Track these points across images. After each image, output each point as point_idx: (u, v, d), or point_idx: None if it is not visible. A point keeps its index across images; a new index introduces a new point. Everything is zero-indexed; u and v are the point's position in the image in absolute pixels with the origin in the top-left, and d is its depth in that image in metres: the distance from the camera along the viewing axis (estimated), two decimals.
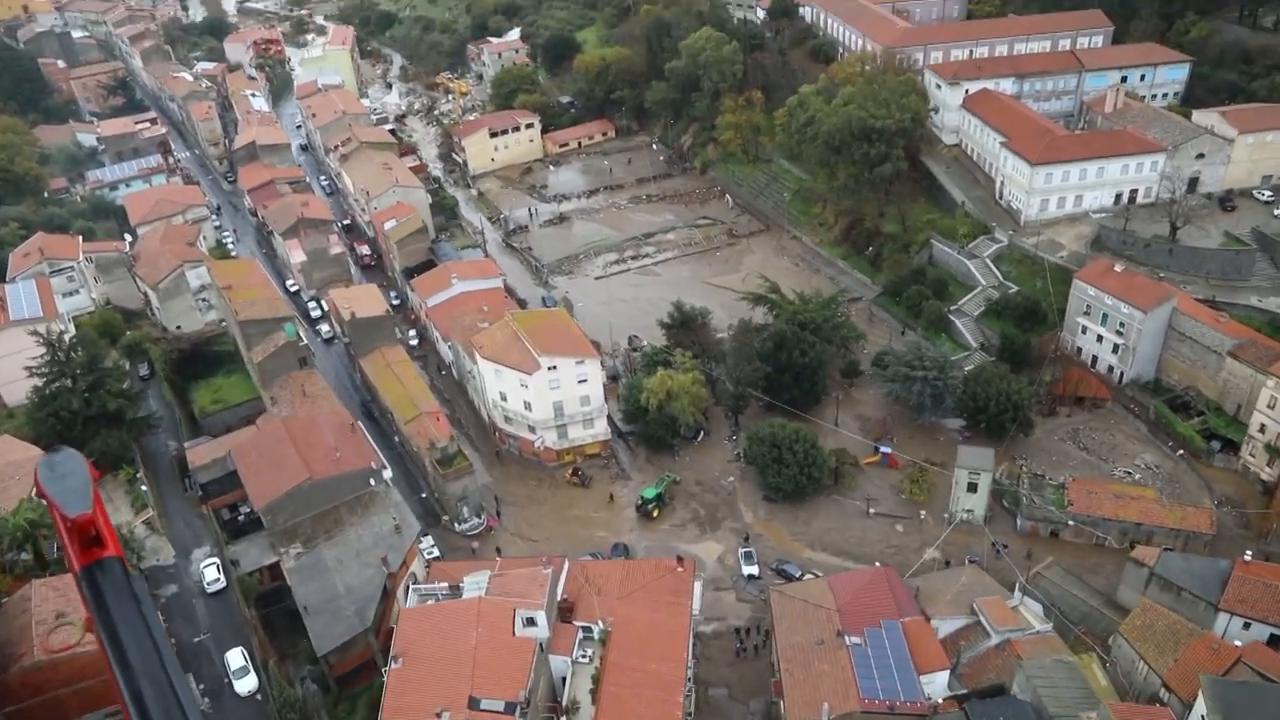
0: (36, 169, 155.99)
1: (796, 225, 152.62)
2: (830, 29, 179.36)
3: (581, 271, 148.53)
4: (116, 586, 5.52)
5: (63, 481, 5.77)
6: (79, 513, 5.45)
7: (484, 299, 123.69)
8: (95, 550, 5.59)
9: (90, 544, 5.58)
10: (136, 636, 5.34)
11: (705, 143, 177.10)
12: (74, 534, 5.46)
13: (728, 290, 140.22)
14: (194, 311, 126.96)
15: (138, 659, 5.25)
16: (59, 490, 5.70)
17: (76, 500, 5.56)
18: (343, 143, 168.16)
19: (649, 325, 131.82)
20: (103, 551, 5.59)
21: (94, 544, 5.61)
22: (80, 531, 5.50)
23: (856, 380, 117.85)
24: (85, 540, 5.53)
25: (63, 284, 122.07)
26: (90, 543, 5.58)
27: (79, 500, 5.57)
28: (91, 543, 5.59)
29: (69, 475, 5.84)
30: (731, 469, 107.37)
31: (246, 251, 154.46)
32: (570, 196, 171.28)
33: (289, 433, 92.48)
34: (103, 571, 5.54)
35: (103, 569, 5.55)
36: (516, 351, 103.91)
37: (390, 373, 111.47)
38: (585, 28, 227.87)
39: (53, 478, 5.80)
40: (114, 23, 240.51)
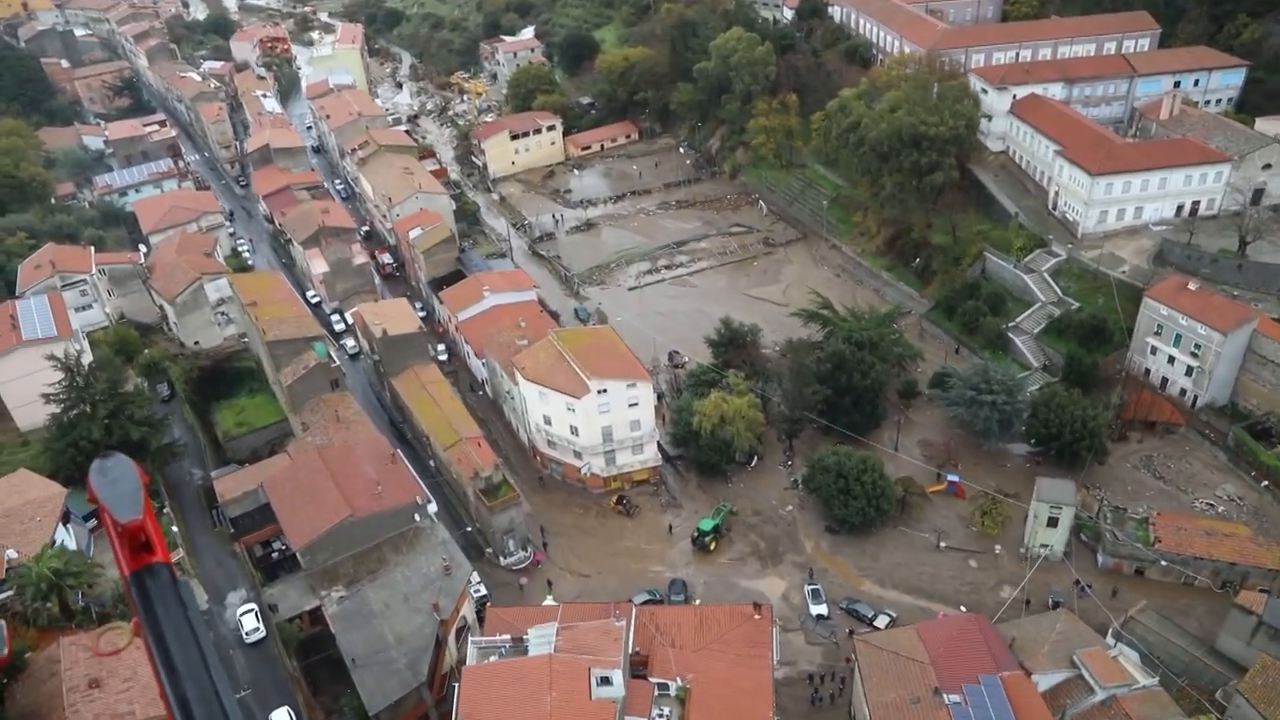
0: (43, 174, 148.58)
1: (835, 234, 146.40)
2: (863, 30, 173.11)
3: (613, 281, 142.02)
4: (164, 592, 5.34)
5: (114, 487, 5.58)
6: (130, 519, 5.29)
7: (518, 313, 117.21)
8: (144, 556, 5.41)
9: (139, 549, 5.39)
10: (183, 641, 5.19)
11: (734, 146, 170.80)
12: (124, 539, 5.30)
13: (768, 303, 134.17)
14: (213, 326, 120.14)
15: (183, 664, 5.11)
16: (111, 496, 5.53)
17: (128, 506, 5.41)
18: (360, 146, 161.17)
19: (689, 340, 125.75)
20: (152, 557, 5.40)
21: (143, 549, 5.42)
22: (130, 537, 5.34)
23: (914, 402, 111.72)
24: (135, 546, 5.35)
25: (75, 298, 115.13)
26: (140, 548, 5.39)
27: (130, 506, 5.41)
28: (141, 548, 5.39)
29: (120, 480, 5.64)
30: (789, 497, 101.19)
31: (263, 261, 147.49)
32: (596, 202, 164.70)
33: (325, 464, 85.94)
34: (151, 577, 5.36)
35: (151, 574, 5.38)
36: (563, 373, 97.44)
37: (425, 394, 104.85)
38: (602, 26, 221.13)
39: (105, 483, 5.62)
40: (117, 21, 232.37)
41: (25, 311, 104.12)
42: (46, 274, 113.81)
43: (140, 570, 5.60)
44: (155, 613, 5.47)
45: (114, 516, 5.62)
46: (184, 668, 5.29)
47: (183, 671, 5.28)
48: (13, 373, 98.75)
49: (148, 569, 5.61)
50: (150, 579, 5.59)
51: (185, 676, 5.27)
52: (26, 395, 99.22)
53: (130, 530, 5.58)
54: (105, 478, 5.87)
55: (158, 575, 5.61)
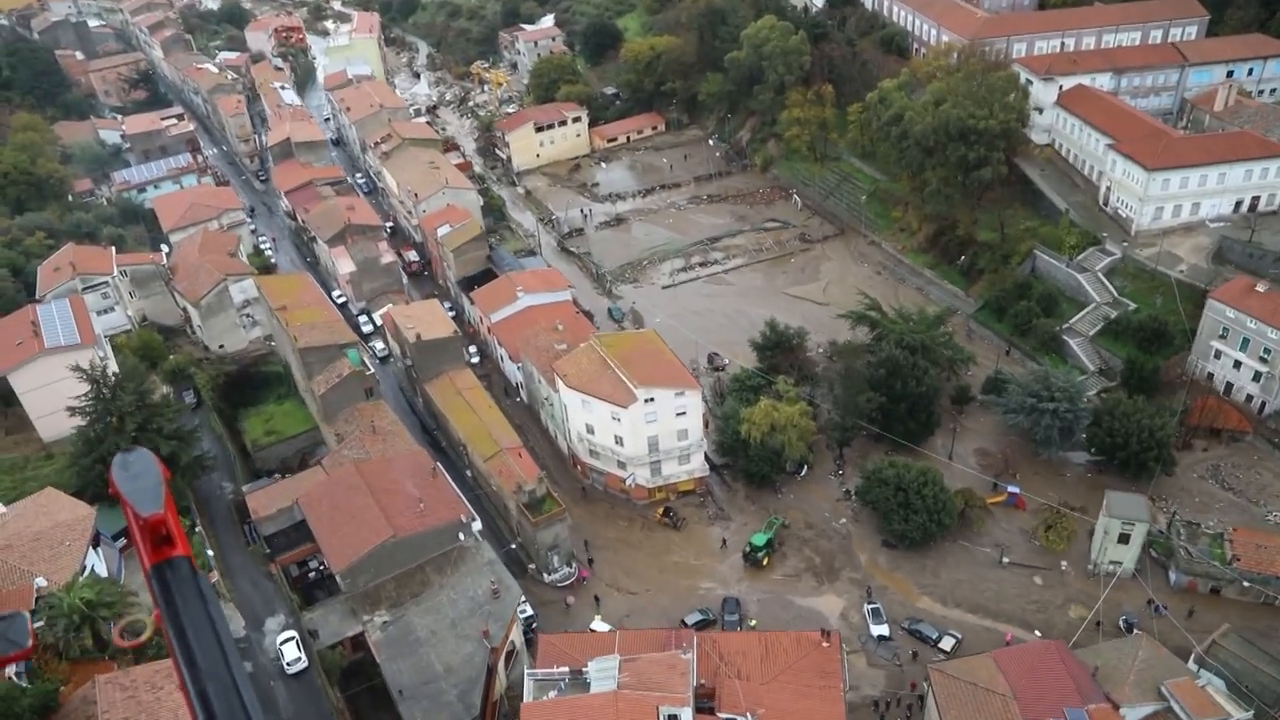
0: (60, 170, 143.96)
1: (874, 230, 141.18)
2: (898, 18, 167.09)
3: (646, 279, 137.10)
4: (184, 585, 5.36)
5: (136, 481, 5.59)
6: (151, 513, 5.33)
7: (553, 314, 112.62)
8: (165, 549, 5.45)
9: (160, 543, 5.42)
10: (203, 635, 5.22)
11: (765, 138, 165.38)
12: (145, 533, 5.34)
13: (808, 302, 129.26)
14: (238, 329, 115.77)
15: (203, 657, 5.15)
16: (132, 490, 5.54)
17: (149, 500, 5.42)
18: (383, 139, 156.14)
19: (728, 341, 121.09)
20: (172, 550, 5.44)
21: (164, 543, 5.45)
22: (152, 531, 5.37)
23: (966, 408, 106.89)
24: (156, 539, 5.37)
25: (96, 301, 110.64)
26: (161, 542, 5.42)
27: (151, 500, 5.43)
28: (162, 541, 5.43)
29: (142, 475, 5.64)
30: (842, 509, 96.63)
31: (286, 260, 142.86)
32: (625, 196, 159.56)
33: (364, 479, 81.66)
34: (172, 570, 5.38)
35: (172, 567, 5.39)
36: (608, 381, 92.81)
37: (461, 401, 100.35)
38: (625, 14, 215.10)
39: (126, 477, 5.62)
40: (131, 11, 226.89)
41: (47, 317, 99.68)
42: (67, 276, 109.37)
43: (161, 563, 5.49)
44: (176, 606, 5.37)
45: (136, 510, 5.52)
46: (204, 662, 5.21)
47: (202, 665, 5.20)
48: (35, 381, 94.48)
49: (168, 562, 5.50)
50: (171, 572, 5.47)
51: (205, 671, 5.18)
52: (49, 404, 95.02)
53: (152, 524, 5.49)
54: (127, 472, 5.75)
55: (178, 568, 5.48)
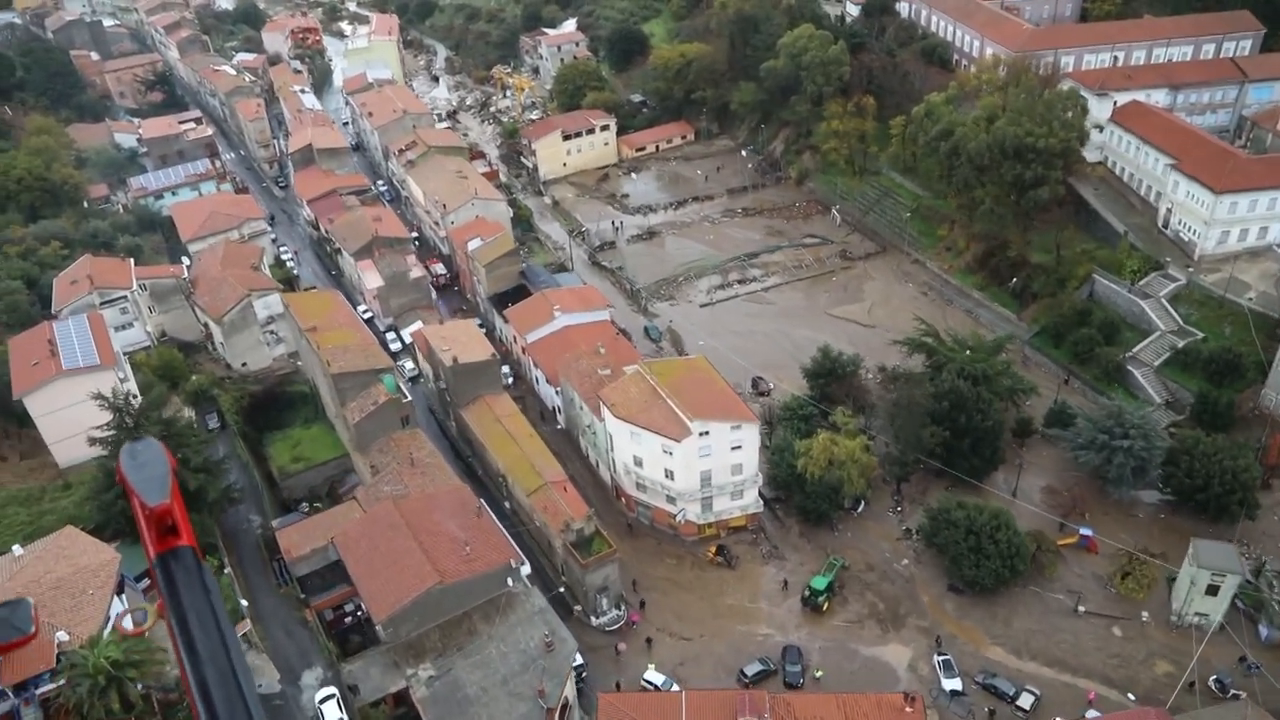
0: (75, 176, 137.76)
1: (918, 248, 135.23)
2: (938, 28, 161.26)
3: (683, 297, 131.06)
4: (188, 575, 5.37)
5: (143, 470, 5.59)
6: (158, 503, 5.34)
7: (592, 334, 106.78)
8: (170, 539, 5.45)
9: (166, 533, 5.44)
10: (205, 625, 5.21)
11: (800, 150, 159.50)
12: (151, 522, 5.37)
13: (852, 323, 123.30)
14: (262, 346, 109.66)
15: (204, 647, 5.15)
16: (140, 479, 5.54)
17: (156, 490, 5.42)
18: (407, 146, 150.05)
19: (772, 364, 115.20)
20: (177, 540, 5.46)
21: (169, 533, 5.46)
22: (158, 521, 5.39)
23: (1027, 441, 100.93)
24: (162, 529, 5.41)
25: (115, 316, 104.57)
26: (166, 532, 5.44)
27: (158, 490, 5.43)
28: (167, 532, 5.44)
29: (149, 464, 5.65)
30: (903, 549, 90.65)
31: (309, 272, 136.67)
32: (656, 208, 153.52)
33: (404, 518, 75.59)
34: (176, 560, 5.40)
35: (176, 557, 5.42)
36: (660, 413, 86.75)
37: (500, 429, 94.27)
38: (650, 19, 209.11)
39: (134, 466, 5.65)
40: (146, 10, 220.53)
41: (64, 335, 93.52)
42: (84, 290, 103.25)
43: (165, 553, 5.44)
44: (179, 596, 5.30)
45: (142, 500, 5.46)
46: (205, 651, 5.16)
47: (203, 654, 5.15)
48: (51, 405, 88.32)
49: (172, 552, 5.46)
50: (175, 562, 5.43)
51: (206, 659, 5.14)
52: (66, 428, 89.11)
53: (158, 514, 5.43)
54: (135, 461, 5.70)
55: (182, 559, 5.44)
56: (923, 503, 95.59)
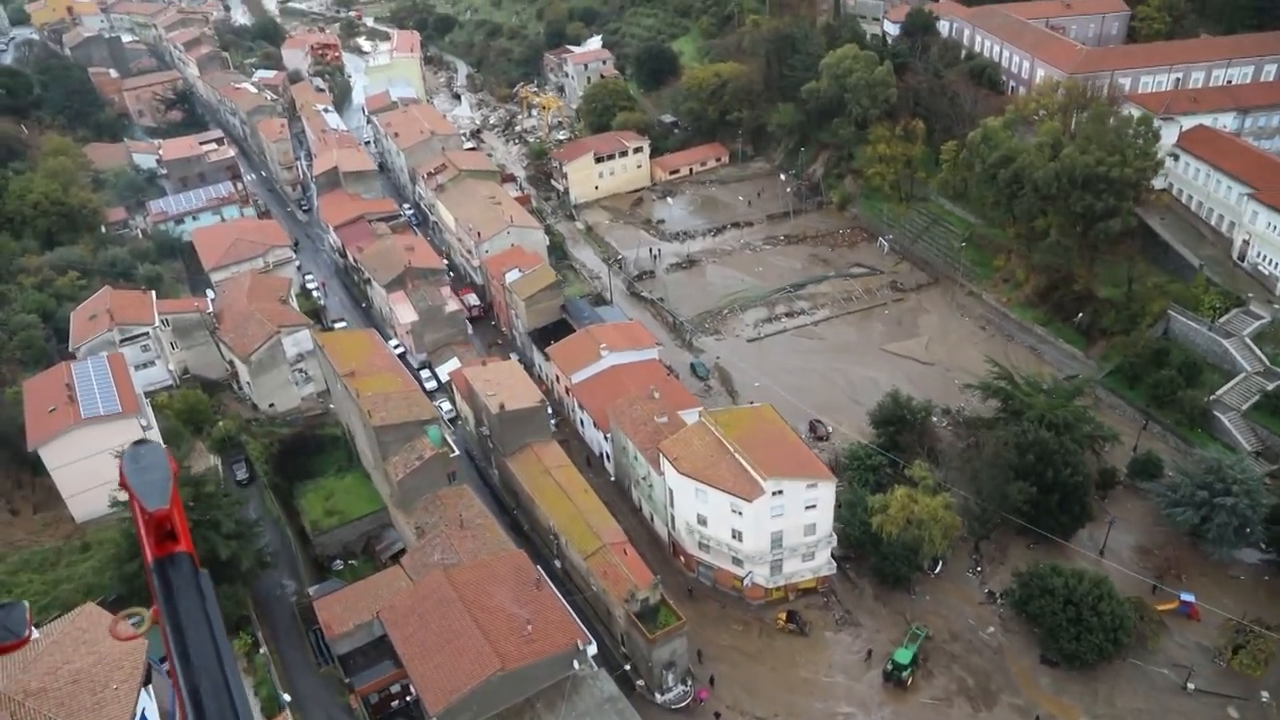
0: (93, 200, 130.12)
1: (973, 279, 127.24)
2: (983, 48, 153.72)
3: (729, 331, 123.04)
4: (185, 581, 5.32)
5: (145, 474, 5.49)
6: (158, 508, 5.27)
7: (641, 375, 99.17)
8: (169, 544, 5.39)
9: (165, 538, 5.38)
10: (199, 632, 5.14)
11: (842, 174, 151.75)
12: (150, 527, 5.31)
13: (910, 360, 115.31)
14: (290, 386, 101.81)
15: (198, 655, 5.07)
16: (141, 483, 5.45)
17: (156, 495, 5.35)
18: (437, 170, 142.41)
19: (828, 404, 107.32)
20: (175, 546, 5.39)
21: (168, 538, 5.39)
22: (157, 526, 5.32)
23: (1110, 493, 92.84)
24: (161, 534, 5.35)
25: (135, 354, 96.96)
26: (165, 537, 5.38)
27: (159, 495, 5.36)
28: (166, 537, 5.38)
29: (151, 469, 5.54)
30: (988, 615, 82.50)
31: (336, 303, 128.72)
32: (694, 234, 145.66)
33: (457, 590, 67.65)
34: (173, 565, 5.35)
35: (174, 563, 5.36)
36: (728, 469, 78.73)
37: (550, 482, 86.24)
38: (679, 37, 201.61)
39: (136, 469, 5.54)
40: (165, 27, 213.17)
41: (83, 377, 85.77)
42: (104, 326, 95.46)
43: (163, 558, 5.35)
44: (175, 602, 5.21)
45: (143, 504, 5.37)
46: (198, 658, 5.07)
47: (196, 662, 5.05)
48: (69, 456, 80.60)
49: (170, 558, 5.36)
50: (172, 568, 5.34)
51: (199, 667, 5.04)
52: (84, 481, 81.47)
53: (158, 519, 5.34)
54: (137, 464, 5.57)
55: (180, 565, 5.36)
56: (1002, 560, 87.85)
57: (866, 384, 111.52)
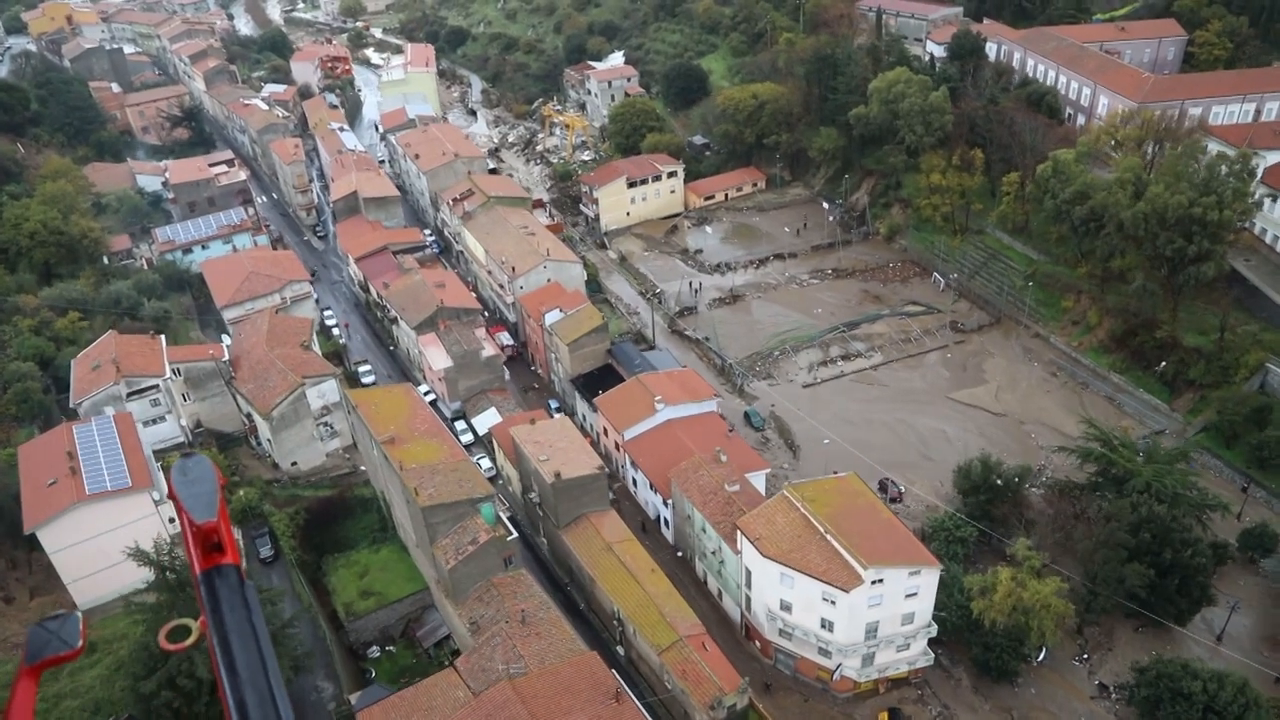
0: (95, 229, 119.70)
1: (1038, 320, 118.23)
2: (1036, 73, 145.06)
3: (782, 374, 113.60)
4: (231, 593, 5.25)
5: (193, 487, 5.45)
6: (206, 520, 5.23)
7: (701, 430, 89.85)
8: (216, 556, 5.31)
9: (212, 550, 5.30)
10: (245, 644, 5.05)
11: (889, 203, 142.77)
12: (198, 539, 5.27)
13: (980, 410, 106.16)
14: (314, 442, 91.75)
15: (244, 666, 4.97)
16: (189, 496, 5.39)
17: (204, 508, 5.31)
18: (463, 195, 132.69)
19: (898, 461, 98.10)
20: (222, 558, 5.32)
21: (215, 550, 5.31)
22: (204, 538, 5.27)
23: (1220, 569, 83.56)
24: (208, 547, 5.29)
25: (144, 408, 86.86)
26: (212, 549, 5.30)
27: (206, 508, 5.31)
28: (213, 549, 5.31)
29: (199, 481, 5.49)
30: (1101, 712, 73.15)
31: (359, 341, 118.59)
32: (735, 266, 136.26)
33: (527, 707, 57.76)
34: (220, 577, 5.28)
35: (220, 575, 5.28)
36: (820, 554, 69.19)
37: (612, 560, 76.52)
38: (707, 55, 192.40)
39: (185, 482, 5.49)
40: (170, 38, 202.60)
41: (85, 442, 75.62)
42: (109, 379, 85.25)
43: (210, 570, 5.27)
44: (221, 613, 5.16)
45: (191, 517, 5.30)
46: (244, 670, 4.96)
47: (243, 675, 4.95)
48: (71, 538, 70.52)
49: (217, 569, 5.28)
50: (219, 579, 5.27)
51: (245, 680, 4.94)
52: (88, 564, 71.58)
53: (205, 531, 5.26)
54: (185, 477, 5.51)
55: (226, 576, 5.28)
56: (1109, 646, 78.78)
57: (936, 437, 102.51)
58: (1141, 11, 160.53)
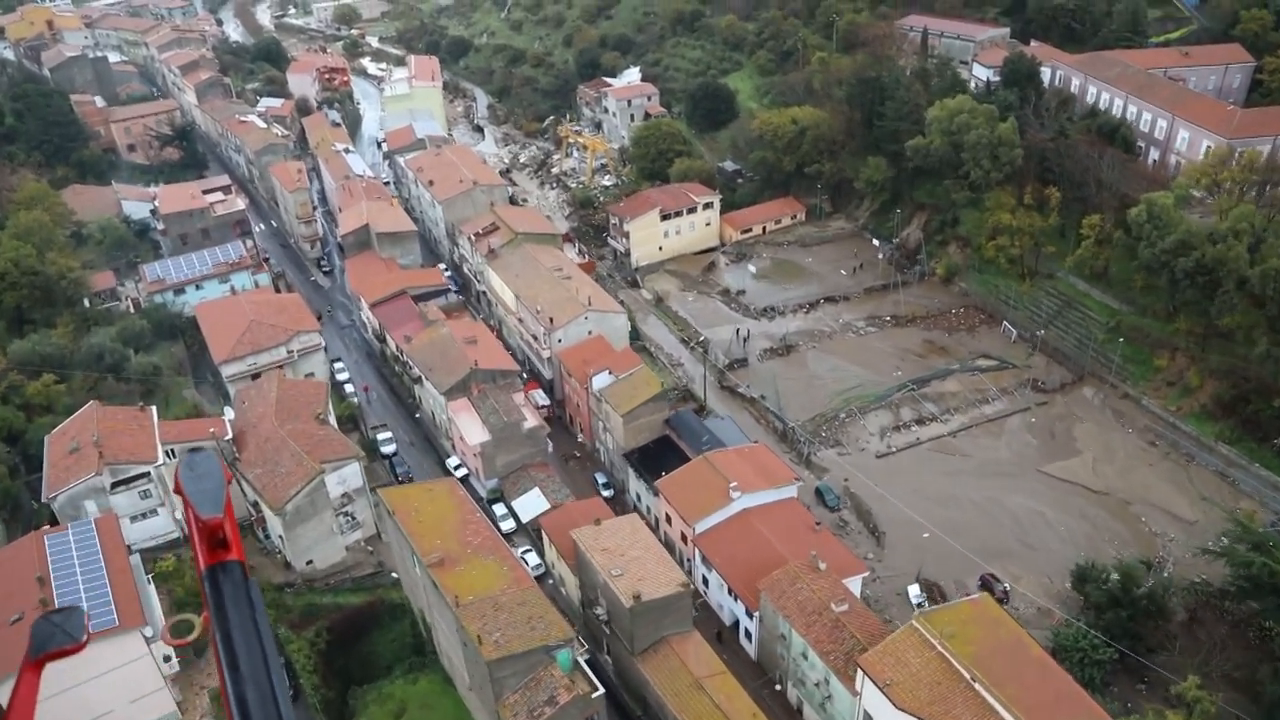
0: (74, 267, 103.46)
1: (1127, 379, 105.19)
2: (1099, 101, 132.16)
3: (851, 441, 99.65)
4: (235, 589, 5.27)
5: (200, 483, 5.45)
6: (212, 516, 5.25)
7: (781, 522, 76.32)
8: (221, 552, 5.32)
9: (217, 546, 5.33)
10: (247, 640, 5.07)
11: (946, 241, 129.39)
12: (204, 535, 5.28)
13: (1077, 488, 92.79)
14: (334, 536, 76.58)
15: (246, 663, 4.97)
16: (196, 491, 5.41)
17: (210, 503, 5.32)
18: (485, 230, 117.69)
19: (997, 550, 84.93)
20: (227, 554, 5.34)
21: (220, 546, 5.34)
22: (210, 534, 5.29)
23: None
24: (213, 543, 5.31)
25: (131, 501, 71.33)
26: (217, 545, 5.33)
27: (212, 503, 5.33)
28: (218, 545, 5.33)
29: (206, 477, 5.49)
30: None
31: (380, 404, 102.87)
32: (782, 310, 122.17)
33: None
34: (225, 573, 5.30)
35: (225, 571, 5.31)
36: (969, 709, 55.19)
37: (703, 701, 62.04)
38: (731, 73, 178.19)
39: (192, 477, 5.47)
40: (158, 47, 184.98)
41: (60, 559, 60.26)
42: (90, 468, 69.67)
43: (215, 566, 5.30)
44: (225, 609, 5.17)
45: (197, 512, 5.31)
46: (246, 667, 4.96)
47: (244, 671, 4.95)
48: (40, 691, 54.58)
49: (222, 565, 5.30)
50: (224, 576, 5.30)
51: (246, 676, 4.92)
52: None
53: (211, 527, 5.28)
54: (193, 472, 5.49)
55: (231, 572, 5.31)
56: None
57: (1033, 519, 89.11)
58: (1200, 36, 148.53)
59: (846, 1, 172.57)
